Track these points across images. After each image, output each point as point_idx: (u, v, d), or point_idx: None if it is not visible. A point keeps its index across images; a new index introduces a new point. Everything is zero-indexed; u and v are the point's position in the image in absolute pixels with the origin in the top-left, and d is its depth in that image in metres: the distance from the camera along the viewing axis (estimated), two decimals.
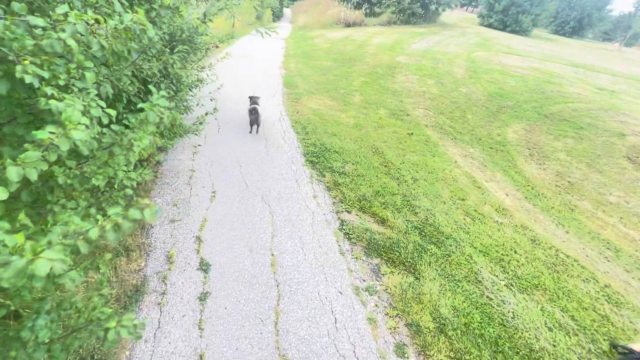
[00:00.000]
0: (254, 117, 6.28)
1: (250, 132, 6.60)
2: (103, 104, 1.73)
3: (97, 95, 2.18)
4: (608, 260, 4.60)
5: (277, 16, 29.38)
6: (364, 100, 9.31)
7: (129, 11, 1.74)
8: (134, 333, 1.55)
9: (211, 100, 5.16)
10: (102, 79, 2.14)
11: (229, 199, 4.51)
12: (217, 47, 13.20)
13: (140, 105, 1.75)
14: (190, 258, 3.53)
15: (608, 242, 4.95)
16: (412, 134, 7.63)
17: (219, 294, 3.20)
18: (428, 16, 25.07)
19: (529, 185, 6.18)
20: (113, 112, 1.74)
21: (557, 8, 38.81)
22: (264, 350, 2.80)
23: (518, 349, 3.18)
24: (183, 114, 5.19)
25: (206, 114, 4.48)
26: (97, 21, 1.75)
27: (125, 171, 2.34)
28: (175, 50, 3.04)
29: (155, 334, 2.78)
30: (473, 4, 54.45)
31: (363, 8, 25.31)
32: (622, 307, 3.86)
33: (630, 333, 3.54)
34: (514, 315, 3.52)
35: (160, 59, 2.51)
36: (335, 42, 17.20)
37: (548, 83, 12.25)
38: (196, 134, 4.49)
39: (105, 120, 1.72)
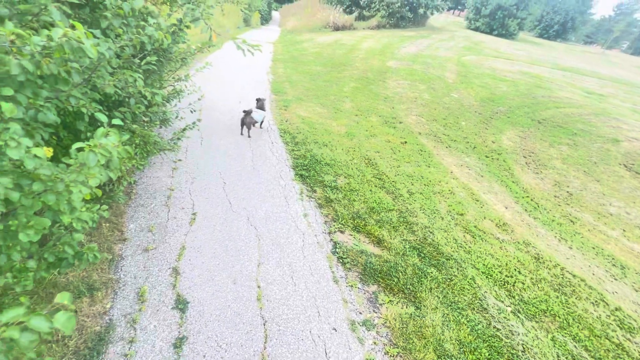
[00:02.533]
0: (244, 118, 6.29)
1: (242, 133, 6.57)
2: (27, 142, 1.35)
3: (38, 122, 1.79)
4: (615, 279, 4.38)
5: (265, 19, 29.02)
6: (355, 107, 9.01)
7: (60, 24, 1.36)
8: None
9: (192, 112, 4.78)
10: (42, 103, 1.75)
11: (210, 222, 4.12)
12: (201, 52, 12.77)
13: (76, 145, 1.37)
14: (165, 295, 3.13)
15: (613, 258, 4.73)
16: (405, 142, 7.35)
17: (197, 339, 2.81)
18: (417, 20, 25.07)
19: (527, 197, 5.95)
20: (41, 152, 1.36)
21: (541, 12, 39.50)
22: None
23: None
24: (161, 127, 4.78)
25: (184, 129, 4.08)
26: (19, 36, 1.37)
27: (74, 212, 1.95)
28: (143, 63, 2.66)
29: None
30: (459, 7, 55.13)
31: (353, 13, 25.16)
32: (636, 333, 3.62)
33: None
34: (524, 348, 3.23)
35: (116, 76, 2.13)
36: (325, 46, 16.94)
37: (538, 87, 12.21)
38: (173, 151, 4.09)
39: (30, 165, 1.34)
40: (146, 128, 3.87)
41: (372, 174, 5.82)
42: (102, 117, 1.55)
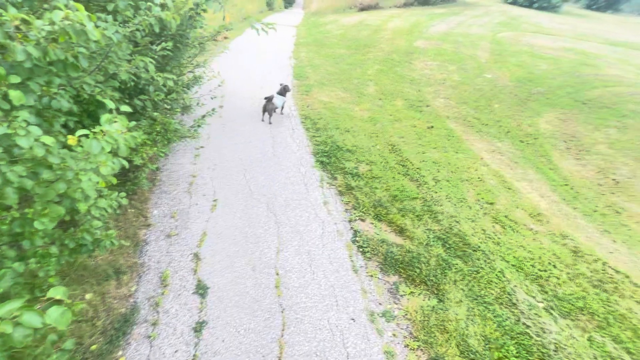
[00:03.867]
0: (266, 104, 6.21)
1: (262, 120, 6.48)
2: (37, 130, 1.34)
3: (52, 110, 1.79)
4: None
5: (289, 2, 28.45)
6: (379, 91, 8.68)
7: (61, 7, 1.31)
8: None
9: (212, 98, 4.77)
10: (55, 90, 1.75)
11: (231, 209, 4.15)
12: (225, 38, 12.76)
13: (79, 132, 1.35)
14: (187, 279, 3.20)
15: None
16: (432, 127, 7.00)
17: (216, 324, 2.86)
18: None
19: (566, 185, 5.50)
20: (50, 140, 1.35)
21: None
22: None
23: None
24: (183, 114, 4.82)
25: (204, 116, 4.08)
26: (25, 22, 1.34)
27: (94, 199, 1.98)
28: (158, 49, 2.63)
29: None
30: None
31: None
32: None
33: None
34: (556, 347, 3.02)
35: (133, 63, 2.10)
36: (349, 27, 16.37)
37: (584, 65, 11.14)
38: (194, 138, 4.12)
39: (40, 153, 1.33)
40: (168, 116, 3.91)
41: (396, 161, 5.60)
42: (110, 104, 1.52)
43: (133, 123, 1.45)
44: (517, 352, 2.93)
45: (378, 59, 11.37)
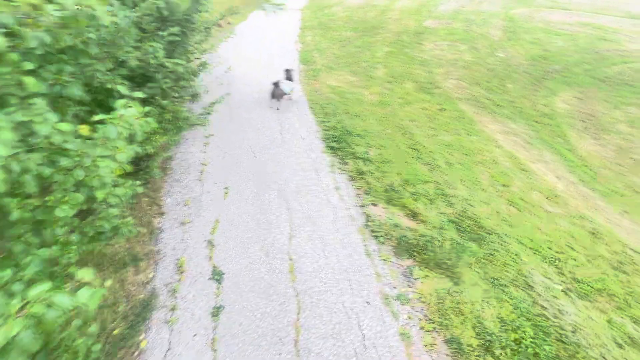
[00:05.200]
0: (273, 90, 6.14)
1: (270, 106, 6.38)
2: (53, 117, 1.33)
3: (64, 97, 1.78)
4: None
5: None
6: (388, 74, 8.47)
7: None
8: None
9: (219, 85, 4.72)
10: (66, 78, 1.73)
11: (242, 196, 4.16)
12: (229, 23, 12.55)
13: (97, 117, 1.33)
14: (202, 266, 3.25)
15: None
16: (443, 109, 6.83)
17: (233, 308, 2.91)
18: None
19: (584, 165, 5.35)
20: (66, 127, 1.34)
21: None
22: None
23: None
24: (192, 102, 4.79)
25: (213, 103, 4.05)
26: (35, 7, 1.31)
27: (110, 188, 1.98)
28: (167, 33, 2.58)
29: (165, 356, 2.54)
30: None
31: None
32: None
33: None
34: (574, 328, 2.99)
35: (142, 50, 2.07)
36: (355, 9, 15.90)
37: (602, 40, 10.65)
38: (203, 126, 4.10)
39: (58, 140, 1.33)
40: (177, 104, 3.89)
41: (407, 144, 5.51)
42: (122, 89, 1.50)
43: (148, 108, 1.43)
44: (534, 334, 2.92)
45: (386, 40, 11.05)
